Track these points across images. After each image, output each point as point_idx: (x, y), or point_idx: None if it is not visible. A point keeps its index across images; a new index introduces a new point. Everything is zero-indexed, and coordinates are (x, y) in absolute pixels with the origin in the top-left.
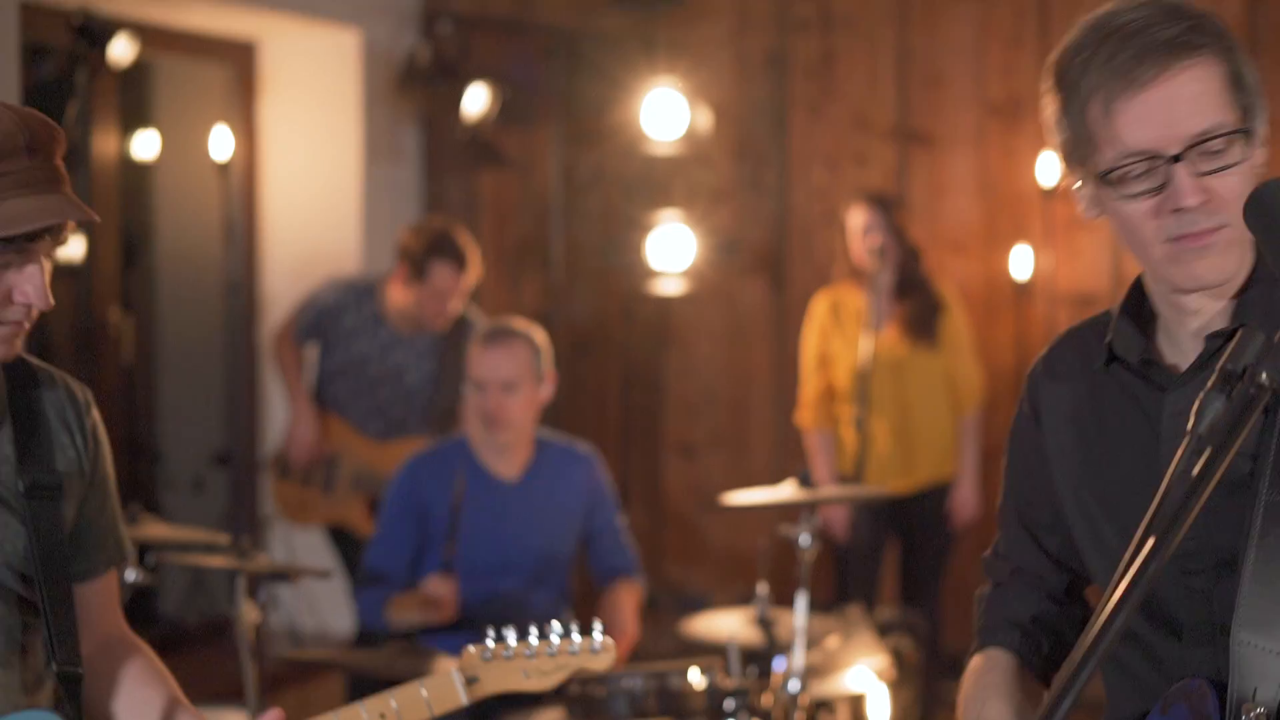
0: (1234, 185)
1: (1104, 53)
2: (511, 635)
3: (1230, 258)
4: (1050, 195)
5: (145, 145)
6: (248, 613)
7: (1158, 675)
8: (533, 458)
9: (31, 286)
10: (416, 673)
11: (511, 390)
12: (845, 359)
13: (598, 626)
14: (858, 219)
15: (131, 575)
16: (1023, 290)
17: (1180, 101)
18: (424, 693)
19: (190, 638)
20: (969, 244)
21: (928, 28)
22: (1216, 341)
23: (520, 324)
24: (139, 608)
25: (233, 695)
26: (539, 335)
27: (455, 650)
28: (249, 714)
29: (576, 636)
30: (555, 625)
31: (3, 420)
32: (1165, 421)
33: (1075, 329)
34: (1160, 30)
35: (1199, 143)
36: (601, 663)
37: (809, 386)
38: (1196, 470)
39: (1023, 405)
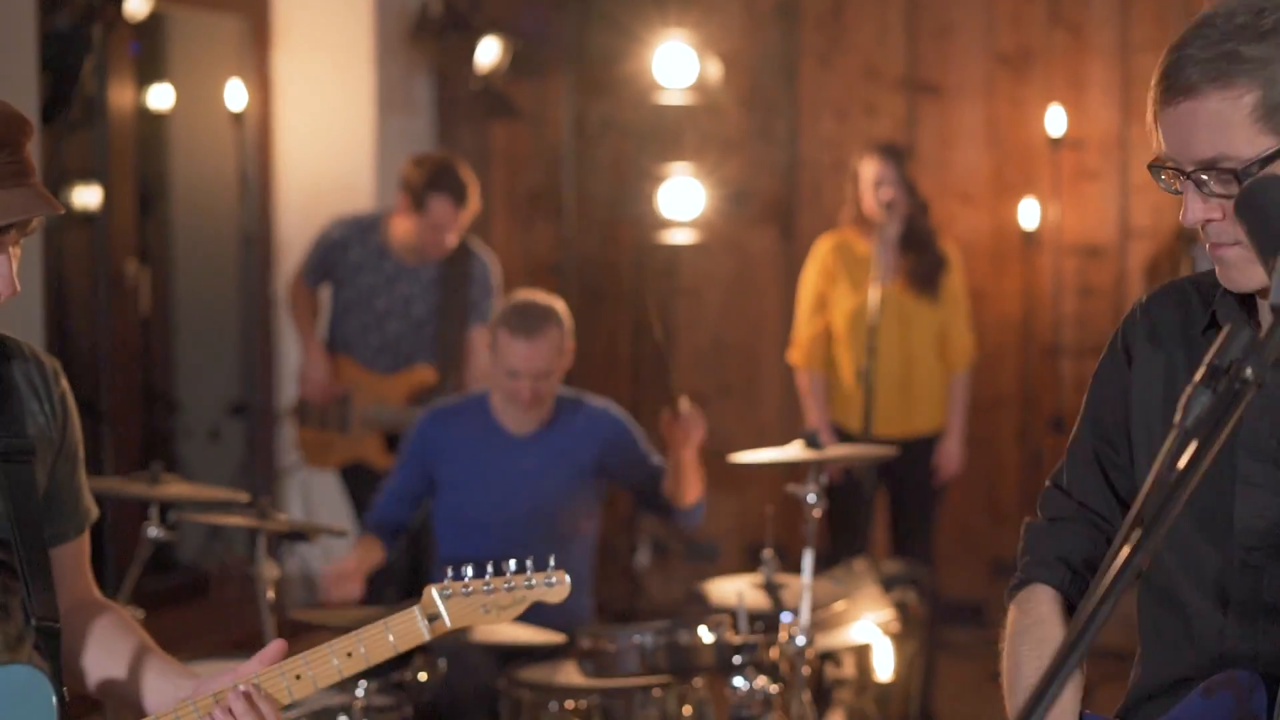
0: None
1: (1168, 54)
2: (469, 572)
3: (1250, 272)
4: (1058, 146)
5: (161, 97)
6: (267, 570)
7: (1193, 644)
8: (549, 416)
9: None
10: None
11: (546, 377)
12: (845, 304)
13: (552, 562)
14: (870, 170)
15: (153, 532)
16: (1030, 240)
17: (1198, 126)
18: (390, 636)
19: (209, 585)
20: (977, 194)
21: None
22: None
23: (544, 301)
24: (159, 557)
25: (253, 644)
26: (562, 309)
27: None
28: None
29: (532, 571)
30: (511, 562)
31: None
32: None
33: (1180, 283)
34: (1213, 44)
35: (1208, 168)
36: (556, 595)
37: (804, 327)
38: (1182, 463)
39: (1115, 344)
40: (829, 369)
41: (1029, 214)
